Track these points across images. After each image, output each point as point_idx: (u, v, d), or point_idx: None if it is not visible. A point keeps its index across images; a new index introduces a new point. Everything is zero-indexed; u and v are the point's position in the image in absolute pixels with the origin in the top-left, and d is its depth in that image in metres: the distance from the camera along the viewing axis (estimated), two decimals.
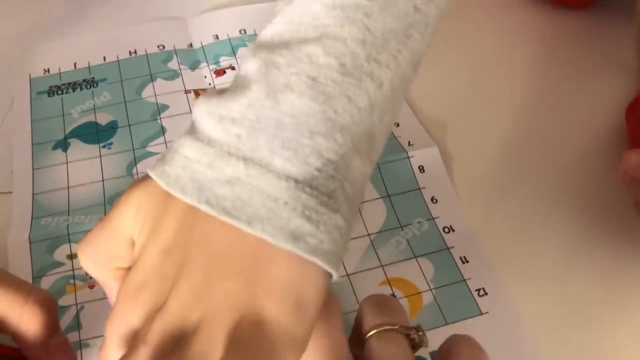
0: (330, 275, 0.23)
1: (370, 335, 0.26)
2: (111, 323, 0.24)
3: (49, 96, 0.44)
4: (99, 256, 0.26)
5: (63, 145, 0.41)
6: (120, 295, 0.24)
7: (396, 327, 0.26)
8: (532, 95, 0.45)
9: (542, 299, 0.35)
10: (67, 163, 0.40)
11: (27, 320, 0.27)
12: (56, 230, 0.36)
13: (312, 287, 0.23)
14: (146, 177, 0.25)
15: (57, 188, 0.38)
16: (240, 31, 0.48)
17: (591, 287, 0.35)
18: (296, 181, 0.22)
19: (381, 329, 0.26)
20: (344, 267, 0.36)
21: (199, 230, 0.23)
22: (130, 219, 0.25)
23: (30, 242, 0.35)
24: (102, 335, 0.32)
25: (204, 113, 0.24)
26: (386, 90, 0.24)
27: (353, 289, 0.35)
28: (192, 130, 0.24)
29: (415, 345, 0.26)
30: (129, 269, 0.25)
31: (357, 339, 0.27)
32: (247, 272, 0.22)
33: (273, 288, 0.22)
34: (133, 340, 0.23)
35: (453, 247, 0.36)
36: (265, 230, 0.22)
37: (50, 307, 0.28)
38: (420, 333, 0.26)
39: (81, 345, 0.32)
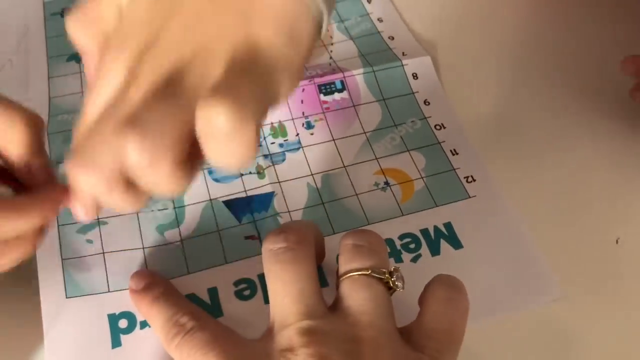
0: (320, 20, 0.24)
1: (342, 281, 0.27)
2: (91, 87, 0.23)
3: (62, 17, 0.46)
4: (86, 18, 0.25)
5: (76, 57, 0.43)
6: (104, 54, 0.23)
7: (368, 271, 0.27)
8: (518, 7, 0.47)
9: (526, 184, 0.37)
10: (80, 72, 0.42)
11: (10, 133, 0.26)
12: (72, 124, 0.38)
13: (304, 19, 0.23)
14: None
15: (71, 93, 0.41)
16: None
17: (568, 175, 0.38)
18: None
19: (352, 274, 0.27)
20: (341, 159, 0.38)
21: None
22: None
23: (47, 134, 0.38)
24: (117, 215, 0.35)
25: None
26: None
27: (350, 178, 0.37)
28: None
29: (392, 288, 0.27)
30: None
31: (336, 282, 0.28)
32: (243, 5, 0.22)
33: (268, 16, 0.22)
34: (120, 100, 0.22)
35: (444, 141, 0.39)
36: None
37: (35, 124, 0.26)
38: (394, 278, 0.27)
39: (99, 222, 0.35)
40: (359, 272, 0.27)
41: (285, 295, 0.27)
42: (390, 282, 0.27)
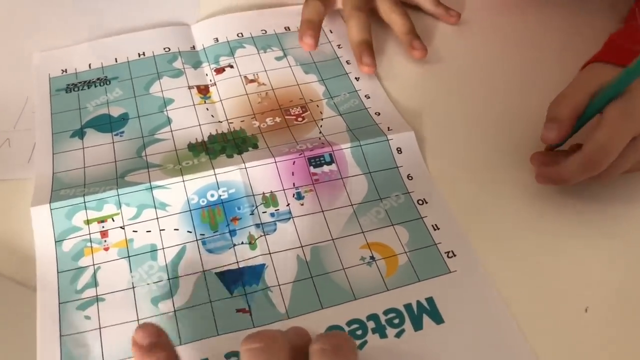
0: None
1: None
2: None
3: (66, 92, 0.49)
4: None
5: (80, 133, 0.46)
6: None
7: None
8: (490, 87, 0.50)
9: (502, 255, 0.39)
10: (83, 149, 0.45)
11: None
12: (73, 199, 0.40)
13: None
14: None
15: (74, 168, 0.43)
16: (237, 34, 0.53)
17: (542, 246, 0.40)
18: None
19: None
20: (329, 231, 0.40)
21: None
22: None
23: (50, 210, 0.40)
24: (116, 291, 0.37)
25: None
26: None
27: (337, 251, 0.39)
28: None
29: None
30: None
31: None
32: None
33: None
34: None
35: (426, 216, 0.41)
36: None
37: None
38: None
39: (98, 299, 0.37)
40: None
41: None
42: None
